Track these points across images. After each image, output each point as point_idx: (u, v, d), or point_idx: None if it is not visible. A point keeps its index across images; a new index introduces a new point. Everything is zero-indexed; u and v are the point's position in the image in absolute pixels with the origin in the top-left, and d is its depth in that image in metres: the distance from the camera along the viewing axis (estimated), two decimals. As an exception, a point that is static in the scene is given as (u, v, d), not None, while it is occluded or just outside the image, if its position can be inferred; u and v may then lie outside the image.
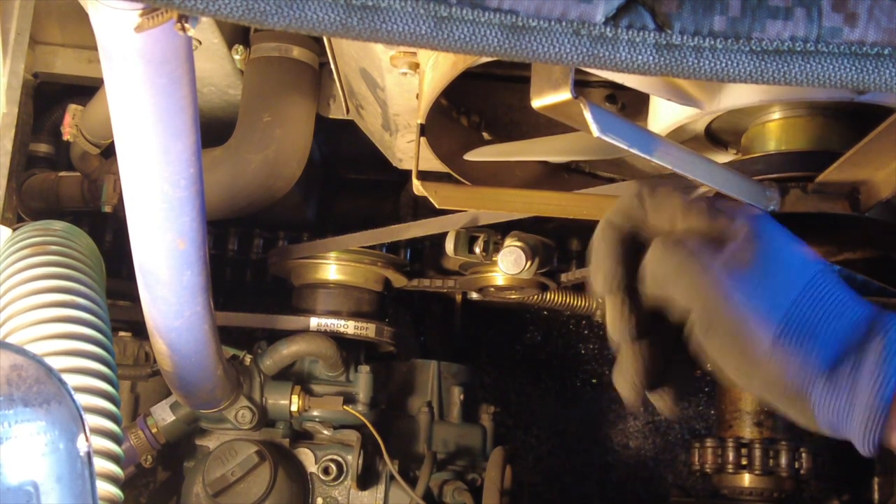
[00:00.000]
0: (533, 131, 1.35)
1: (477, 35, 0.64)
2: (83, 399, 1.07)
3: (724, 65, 0.66)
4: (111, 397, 1.11)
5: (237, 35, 1.52)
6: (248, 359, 1.54)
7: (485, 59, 1.01)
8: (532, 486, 2.07)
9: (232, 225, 1.83)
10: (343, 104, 1.52)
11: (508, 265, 1.50)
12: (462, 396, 1.69)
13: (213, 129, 1.48)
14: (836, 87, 0.67)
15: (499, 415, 1.73)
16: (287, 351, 1.54)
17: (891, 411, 0.71)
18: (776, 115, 1.07)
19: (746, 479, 1.73)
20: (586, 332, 2.21)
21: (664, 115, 1.10)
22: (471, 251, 1.52)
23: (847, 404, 0.72)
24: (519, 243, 1.51)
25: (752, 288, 0.74)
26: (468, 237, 1.51)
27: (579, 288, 1.84)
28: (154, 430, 1.52)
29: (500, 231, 1.54)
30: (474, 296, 1.84)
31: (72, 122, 1.54)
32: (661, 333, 0.81)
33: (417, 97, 1.16)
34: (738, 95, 1.01)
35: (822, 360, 0.73)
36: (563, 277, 1.71)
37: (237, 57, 1.51)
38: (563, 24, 0.64)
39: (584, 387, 2.20)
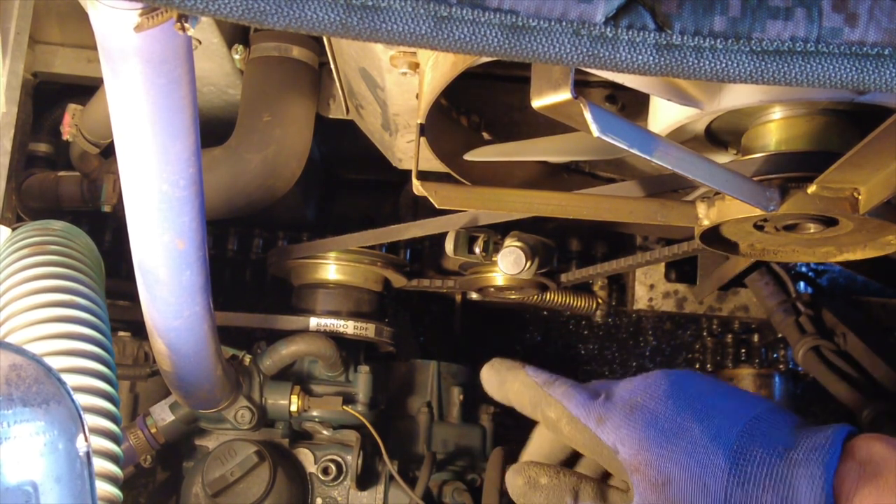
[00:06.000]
0: (533, 131, 1.34)
1: (477, 35, 0.64)
2: (82, 399, 1.07)
3: (724, 65, 0.66)
4: (110, 397, 1.11)
5: (237, 35, 1.52)
6: (247, 359, 1.53)
7: (485, 59, 1.01)
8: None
9: (231, 225, 1.83)
10: (343, 104, 1.52)
11: (508, 265, 1.50)
12: (462, 397, 1.69)
13: (212, 129, 1.48)
14: (837, 88, 0.67)
15: (498, 415, 1.72)
16: (286, 351, 1.53)
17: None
18: (776, 115, 1.07)
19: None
20: (586, 332, 2.21)
21: (664, 115, 1.10)
22: (471, 251, 1.51)
23: None
24: (519, 243, 1.51)
25: None
26: (468, 237, 1.51)
27: (579, 288, 1.84)
28: (153, 430, 1.52)
29: (500, 231, 1.54)
30: (474, 296, 1.84)
31: (71, 121, 1.54)
32: None
33: (417, 97, 1.15)
34: (738, 95, 1.01)
35: None
36: (563, 278, 1.71)
37: (237, 56, 1.51)
38: (563, 24, 0.64)
39: (583, 387, 2.20)
